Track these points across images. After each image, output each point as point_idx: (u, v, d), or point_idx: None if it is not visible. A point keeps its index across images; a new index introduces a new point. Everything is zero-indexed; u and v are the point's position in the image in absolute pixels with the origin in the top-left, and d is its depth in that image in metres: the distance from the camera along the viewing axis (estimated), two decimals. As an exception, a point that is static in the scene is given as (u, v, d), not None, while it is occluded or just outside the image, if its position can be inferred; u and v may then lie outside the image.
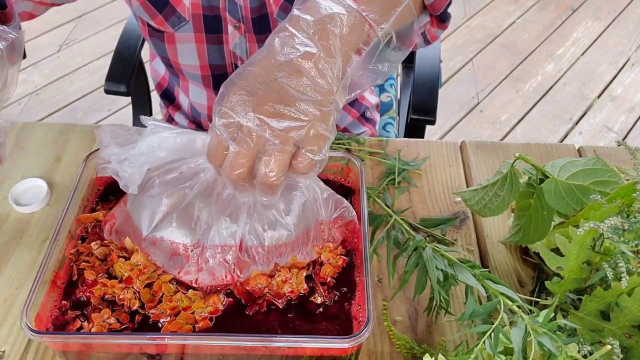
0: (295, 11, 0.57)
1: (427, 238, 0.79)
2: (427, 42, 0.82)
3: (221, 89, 0.55)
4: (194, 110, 1.09)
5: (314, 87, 0.54)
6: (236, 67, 0.96)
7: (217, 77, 0.99)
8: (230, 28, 0.91)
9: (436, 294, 0.64)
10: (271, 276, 0.65)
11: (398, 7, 0.60)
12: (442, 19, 0.77)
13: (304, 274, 0.65)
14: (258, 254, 0.64)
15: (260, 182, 0.55)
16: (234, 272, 0.64)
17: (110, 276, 0.65)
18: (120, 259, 0.65)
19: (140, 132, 0.67)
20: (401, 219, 0.78)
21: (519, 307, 0.59)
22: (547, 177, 0.69)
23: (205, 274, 0.64)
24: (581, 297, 0.63)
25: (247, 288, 0.64)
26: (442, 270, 0.64)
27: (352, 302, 0.64)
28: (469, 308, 0.61)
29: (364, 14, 0.57)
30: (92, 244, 0.67)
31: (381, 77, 0.61)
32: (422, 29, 0.78)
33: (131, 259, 0.64)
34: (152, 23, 0.92)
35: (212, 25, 0.91)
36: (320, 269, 0.66)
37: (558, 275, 0.64)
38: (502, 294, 0.60)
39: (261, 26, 0.90)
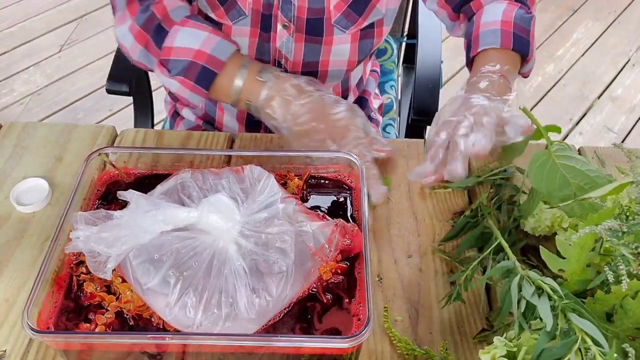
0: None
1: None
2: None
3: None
4: (208, 106, 1.09)
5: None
6: (279, 63, 0.99)
7: None
8: (279, 27, 0.94)
9: (516, 326, 0.57)
10: None
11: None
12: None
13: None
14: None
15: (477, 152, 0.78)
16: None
17: (109, 290, 0.65)
18: (118, 277, 0.65)
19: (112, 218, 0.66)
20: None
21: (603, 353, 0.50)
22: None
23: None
24: (584, 299, 0.63)
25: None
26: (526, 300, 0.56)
27: (353, 300, 0.65)
28: (540, 346, 0.50)
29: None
30: None
31: None
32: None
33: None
34: (212, 15, 0.95)
35: (265, 22, 0.94)
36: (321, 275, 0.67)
37: (560, 277, 0.64)
38: (586, 333, 0.50)
39: (314, 29, 0.94)
